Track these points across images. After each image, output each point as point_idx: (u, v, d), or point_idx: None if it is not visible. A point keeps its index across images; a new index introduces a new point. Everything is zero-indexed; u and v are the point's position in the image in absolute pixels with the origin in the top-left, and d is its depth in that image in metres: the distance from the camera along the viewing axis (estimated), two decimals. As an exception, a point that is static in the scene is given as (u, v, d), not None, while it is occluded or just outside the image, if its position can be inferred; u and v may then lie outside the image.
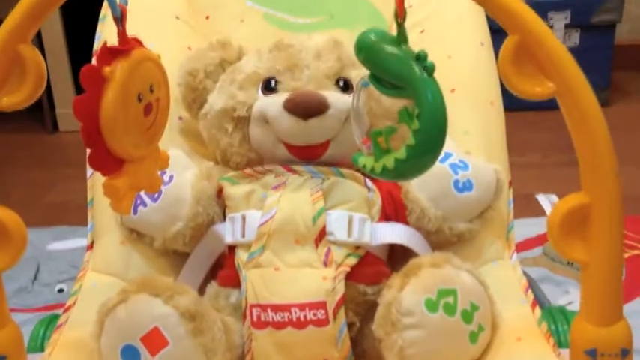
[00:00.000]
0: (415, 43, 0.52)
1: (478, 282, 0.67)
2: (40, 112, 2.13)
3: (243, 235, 0.71)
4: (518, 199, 0.86)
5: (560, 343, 0.69)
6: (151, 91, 0.56)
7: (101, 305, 0.66)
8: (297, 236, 0.69)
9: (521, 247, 1.39)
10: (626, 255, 1.39)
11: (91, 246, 0.81)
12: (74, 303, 0.75)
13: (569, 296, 1.25)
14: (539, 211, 1.50)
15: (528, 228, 1.37)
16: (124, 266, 0.78)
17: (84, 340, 0.67)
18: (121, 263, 0.78)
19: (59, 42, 2.07)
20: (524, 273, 0.91)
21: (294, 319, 0.66)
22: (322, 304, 0.66)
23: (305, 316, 0.66)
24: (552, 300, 1.15)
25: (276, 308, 0.67)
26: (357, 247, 0.70)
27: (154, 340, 0.63)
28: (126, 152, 0.55)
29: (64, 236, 1.53)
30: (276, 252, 0.69)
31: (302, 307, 0.66)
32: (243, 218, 0.72)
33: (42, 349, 0.70)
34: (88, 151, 0.54)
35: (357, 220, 0.70)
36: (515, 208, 0.84)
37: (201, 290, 0.74)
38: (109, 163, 0.55)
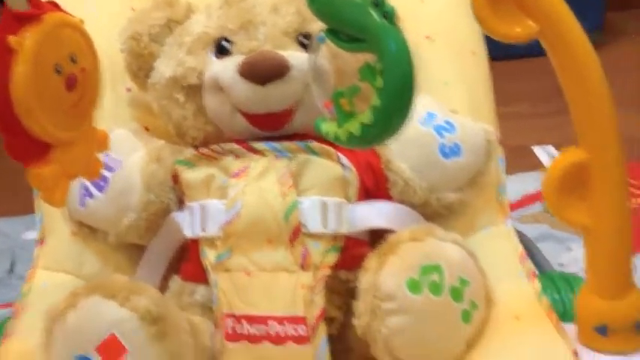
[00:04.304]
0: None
1: (467, 254, 0.60)
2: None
3: (204, 229, 0.63)
4: (511, 153, 0.79)
5: (565, 316, 0.61)
6: (73, 61, 0.50)
7: (48, 311, 0.58)
8: (268, 236, 0.61)
9: (520, 204, 1.32)
10: (632, 204, 1.31)
11: (41, 241, 0.73)
12: (22, 308, 0.67)
13: (573, 254, 1.18)
14: (535, 164, 1.43)
15: (526, 183, 1.29)
16: (78, 263, 0.70)
17: (32, 352, 0.60)
18: (74, 259, 0.70)
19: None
20: (521, 238, 0.84)
21: (272, 333, 0.59)
22: (302, 320, 0.59)
23: (284, 331, 0.59)
24: (554, 259, 1.08)
25: (252, 320, 0.60)
26: (335, 237, 0.62)
27: (111, 348, 0.55)
28: (49, 134, 0.49)
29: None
30: (247, 254, 0.61)
31: (280, 320, 0.59)
32: (203, 208, 0.64)
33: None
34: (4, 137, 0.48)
35: (332, 207, 0.62)
36: (510, 162, 0.77)
37: (164, 286, 0.67)
38: (32, 149, 0.49)
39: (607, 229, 0.53)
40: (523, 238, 0.85)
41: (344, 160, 0.65)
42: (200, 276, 0.63)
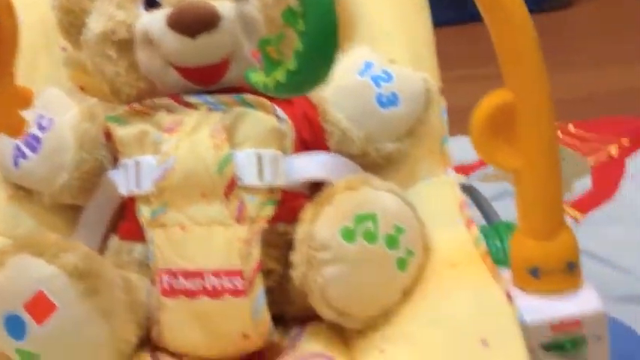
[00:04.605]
0: None
1: (403, 202, 0.59)
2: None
3: (139, 186, 0.62)
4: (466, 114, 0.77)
5: (506, 263, 0.61)
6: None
7: None
8: (202, 189, 0.60)
9: (481, 163, 1.31)
10: (590, 159, 1.31)
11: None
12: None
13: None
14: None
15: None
16: (13, 225, 0.68)
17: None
18: (9, 222, 0.68)
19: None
20: (471, 191, 0.84)
21: (209, 287, 0.58)
22: (238, 272, 0.58)
23: (221, 285, 0.58)
24: (514, 215, 1.08)
25: (189, 275, 0.59)
26: (272, 190, 0.61)
27: (40, 306, 0.54)
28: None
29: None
30: (181, 209, 0.60)
31: (217, 274, 0.58)
32: (137, 165, 0.62)
33: None
34: None
35: (267, 159, 0.61)
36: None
37: (105, 247, 0.66)
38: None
39: (536, 170, 0.52)
40: (473, 192, 0.85)
41: (280, 112, 0.63)
42: (137, 234, 0.62)
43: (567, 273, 0.53)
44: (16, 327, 0.55)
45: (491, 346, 0.51)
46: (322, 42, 0.47)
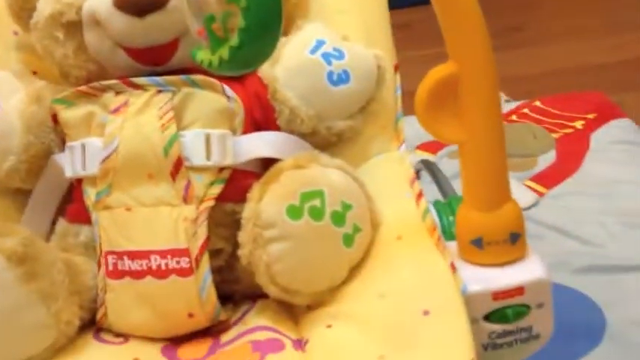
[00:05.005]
0: None
1: (351, 178, 0.59)
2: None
3: (84, 168, 0.62)
4: None
5: (453, 236, 0.61)
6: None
7: None
8: (149, 170, 0.60)
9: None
10: (556, 135, 1.32)
11: None
12: None
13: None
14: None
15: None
16: None
17: None
18: None
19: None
20: (428, 165, 0.84)
21: (154, 267, 0.58)
22: (185, 252, 0.58)
23: (167, 265, 0.58)
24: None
25: (134, 256, 0.58)
26: (221, 170, 0.61)
27: None
28: None
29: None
30: (127, 190, 0.60)
31: (163, 254, 0.58)
32: (83, 147, 0.62)
33: None
34: None
35: (215, 139, 0.61)
36: None
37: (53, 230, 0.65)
38: None
39: (480, 141, 0.52)
40: (430, 166, 0.85)
41: (229, 91, 0.63)
42: (84, 216, 0.62)
43: (511, 244, 0.54)
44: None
45: (433, 316, 0.51)
46: (264, 18, 0.46)
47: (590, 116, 1.34)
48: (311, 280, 0.58)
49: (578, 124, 1.33)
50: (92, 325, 0.61)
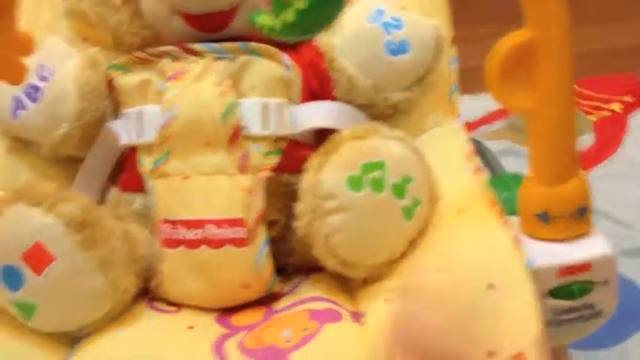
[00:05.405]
0: None
1: (410, 151, 0.58)
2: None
3: (141, 136, 0.61)
4: (474, 73, 0.76)
5: (512, 211, 0.60)
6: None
7: None
8: (206, 138, 0.59)
9: (483, 121, 1.31)
10: (593, 117, 1.30)
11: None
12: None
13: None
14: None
15: (488, 101, 1.28)
16: (13, 179, 0.67)
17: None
18: (8, 174, 0.67)
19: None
20: (476, 145, 0.83)
21: (210, 237, 0.57)
22: (240, 222, 0.57)
23: (222, 235, 0.57)
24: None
25: (189, 224, 0.58)
26: (278, 140, 0.60)
27: (38, 256, 0.54)
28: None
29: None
30: (184, 158, 0.59)
31: (218, 223, 0.57)
32: (139, 114, 0.61)
33: None
34: None
35: (273, 108, 0.60)
36: (473, 81, 0.73)
37: (104, 200, 0.65)
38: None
39: (552, 111, 0.51)
40: (478, 145, 0.84)
41: (287, 60, 0.62)
42: (137, 185, 0.61)
43: (577, 218, 0.53)
44: (13, 278, 0.54)
45: (498, 290, 0.50)
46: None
47: (627, 98, 1.33)
48: (370, 253, 0.57)
49: (615, 107, 1.31)
50: (145, 294, 0.61)
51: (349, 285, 0.60)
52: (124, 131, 0.62)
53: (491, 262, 0.53)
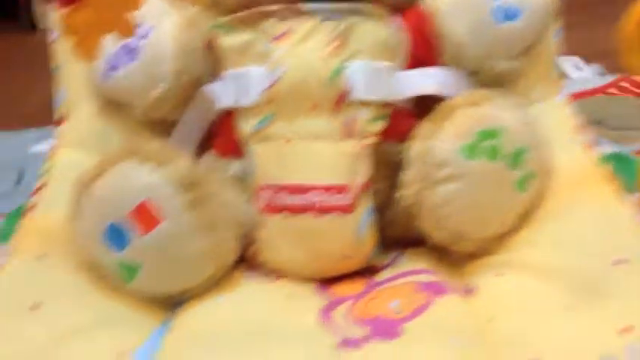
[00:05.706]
0: None
1: (526, 120, 0.56)
2: (16, 10, 1.98)
3: (243, 97, 0.58)
4: None
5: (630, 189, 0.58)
6: None
7: (76, 180, 0.55)
8: (312, 100, 0.56)
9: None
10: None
11: (62, 120, 0.69)
12: (45, 184, 0.64)
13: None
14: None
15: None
16: (103, 140, 0.66)
17: (58, 225, 0.57)
18: (99, 137, 0.66)
19: None
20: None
21: (314, 203, 0.55)
22: (345, 188, 0.55)
23: (327, 201, 0.55)
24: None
25: (293, 190, 0.56)
26: (384, 105, 0.58)
27: (144, 216, 0.52)
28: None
29: (48, 137, 1.42)
30: (288, 121, 0.57)
31: (323, 189, 0.55)
32: (243, 75, 0.59)
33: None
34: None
35: (381, 72, 0.58)
36: None
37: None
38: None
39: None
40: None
41: (395, 22, 0.59)
42: (235, 149, 0.59)
43: None
44: (118, 237, 0.53)
45: (626, 266, 0.48)
46: None
47: None
48: (480, 225, 0.55)
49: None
50: (241, 262, 0.59)
51: (450, 259, 0.58)
52: (223, 93, 0.60)
53: (612, 237, 0.51)
